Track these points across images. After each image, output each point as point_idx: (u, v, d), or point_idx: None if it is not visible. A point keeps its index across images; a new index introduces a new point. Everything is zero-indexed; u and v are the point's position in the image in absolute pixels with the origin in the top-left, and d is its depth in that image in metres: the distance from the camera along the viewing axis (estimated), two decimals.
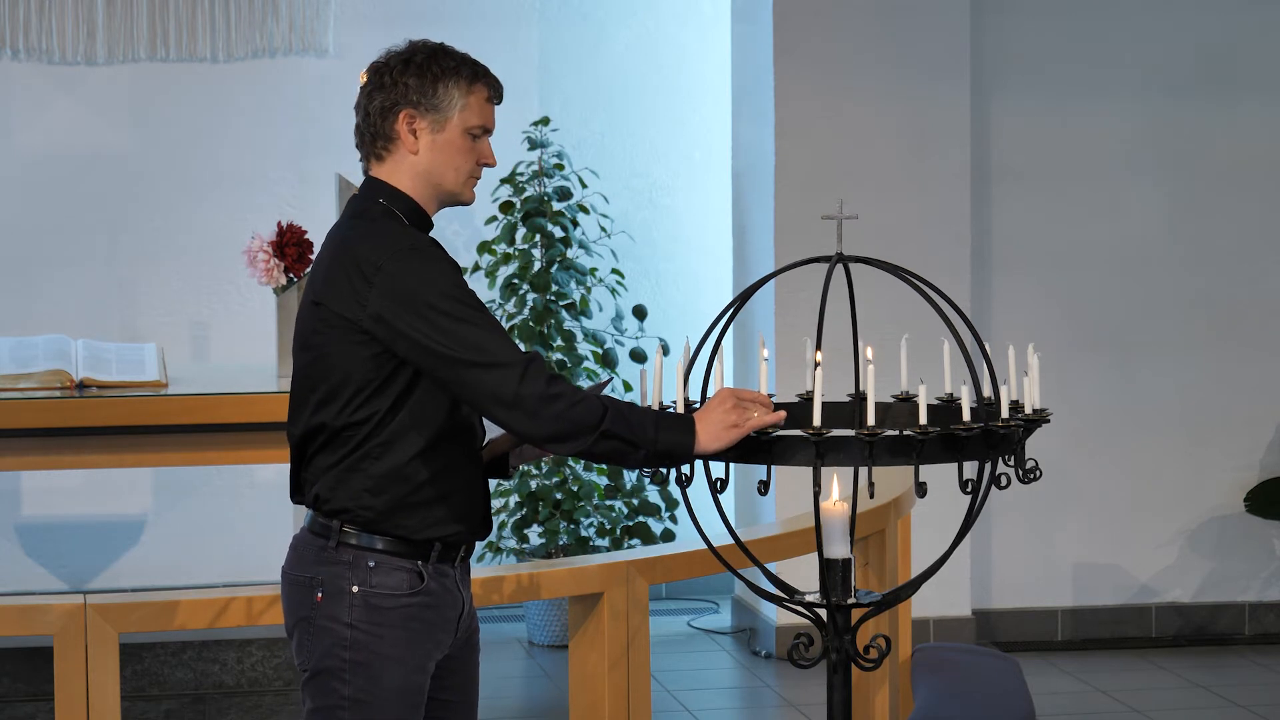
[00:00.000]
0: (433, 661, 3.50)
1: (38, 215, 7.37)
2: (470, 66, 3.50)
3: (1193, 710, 6.53)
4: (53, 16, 7.31)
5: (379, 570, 3.44)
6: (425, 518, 3.45)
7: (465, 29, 7.55)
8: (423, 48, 3.52)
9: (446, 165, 3.49)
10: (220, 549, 7.42)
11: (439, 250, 3.41)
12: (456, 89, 3.47)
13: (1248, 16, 7.38)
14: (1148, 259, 7.38)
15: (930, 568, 3.53)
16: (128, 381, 5.65)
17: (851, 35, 7.05)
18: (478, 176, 3.53)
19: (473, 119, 3.48)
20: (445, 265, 3.38)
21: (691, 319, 7.63)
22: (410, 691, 3.46)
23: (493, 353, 3.32)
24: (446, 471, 3.45)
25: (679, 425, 3.33)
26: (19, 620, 4.36)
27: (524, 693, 6.72)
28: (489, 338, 3.33)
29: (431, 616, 3.48)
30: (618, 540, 7.23)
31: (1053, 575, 7.38)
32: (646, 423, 3.32)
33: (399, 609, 3.44)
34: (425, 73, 3.47)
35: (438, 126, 3.47)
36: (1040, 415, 3.50)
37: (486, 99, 3.50)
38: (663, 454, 3.33)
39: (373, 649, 3.43)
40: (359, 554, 3.44)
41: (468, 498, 3.49)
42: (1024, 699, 4.94)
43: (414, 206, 3.49)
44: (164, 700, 6.08)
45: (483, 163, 3.51)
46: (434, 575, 3.47)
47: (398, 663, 3.45)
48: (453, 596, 3.52)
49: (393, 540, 3.44)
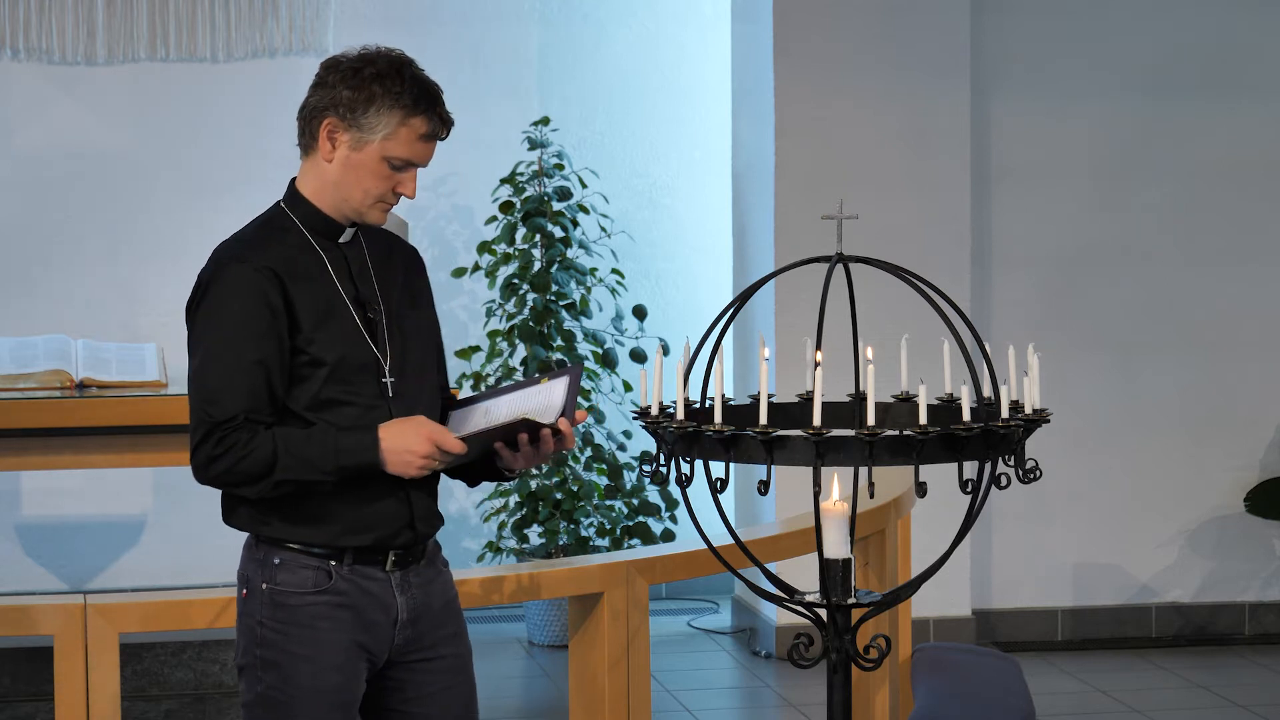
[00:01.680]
0: (357, 664, 3.48)
1: (38, 215, 7.37)
2: (414, 97, 3.41)
3: (1193, 710, 6.53)
4: (53, 16, 7.31)
5: (283, 568, 3.48)
6: (323, 531, 3.47)
7: (465, 29, 7.55)
8: (378, 61, 3.44)
9: (354, 185, 3.46)
10: (220, 549, 7.39)
11: (261, 275, 3.40)
12: (388, 115, 3.41)
13: (1247, 17, 7.38)
14: (1148, 259, 7.38)
15: (930, 568, 3.53)
16: (128, 381, 5.66)
17: (851, 35, 7.05)
18: (390, 203, 3.49)
19: (396, 150, 3.42)
20: (244, 286, 3.39)
21: (691, 319, 7.62)
22: (324, 691, 3.45)
23: (200, 395, 3.40)
24: (326, 490, 3.44)
25: (360, 449, 3.38)
26: (19, 620, 4.36)
27: (524, 693, 6.72)
28: (211, 379, 3.39)
29: (345, 616, 3.47)
30: (618, 540, 7.23)
31: (1053, 575, 7.38)
32: (327, 454, 3.38)
33: (304, 607, 3.46)
34: (362, 89, 3.42)
35: (356, 145, 3.44)
36: (1040, 415, 3.50)
37: (422, 135, 3.43)
38: (351, 478, 3.40)
39: (280, 646, 3.46)
40: (269, 551, 3.50)
41: (371, 507, 3.47)
42: (1024, 699, 4.94)
43: (314, 213, 3.51)
44: (164, 700, 6.08)
45: (399, 192, 3.47)
46: (349, 576, 3.47)
47: (306, 661, 3.45)
48: (375, 600, 3.50)
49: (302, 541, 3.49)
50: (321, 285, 3.48)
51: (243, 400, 3.39)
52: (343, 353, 3.46)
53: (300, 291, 3.45)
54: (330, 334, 3.45)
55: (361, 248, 3.56)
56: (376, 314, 3.51)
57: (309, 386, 3.44)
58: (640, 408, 3.59)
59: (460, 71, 7.41)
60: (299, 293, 3.44)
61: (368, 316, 3.50)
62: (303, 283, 3.46)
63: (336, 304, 3.48)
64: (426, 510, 3.55)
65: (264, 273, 3.42)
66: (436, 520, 3.59)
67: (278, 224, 3.54)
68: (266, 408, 3.42)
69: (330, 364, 3.44)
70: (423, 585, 3.56)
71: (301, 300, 3.44)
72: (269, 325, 3.40)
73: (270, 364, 3.40)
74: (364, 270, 3.55)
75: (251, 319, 3.40)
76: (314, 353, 3.44)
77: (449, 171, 7.49)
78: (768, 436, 3.36)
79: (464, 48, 7.58)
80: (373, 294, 3.53)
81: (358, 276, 3.53)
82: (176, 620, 4.42)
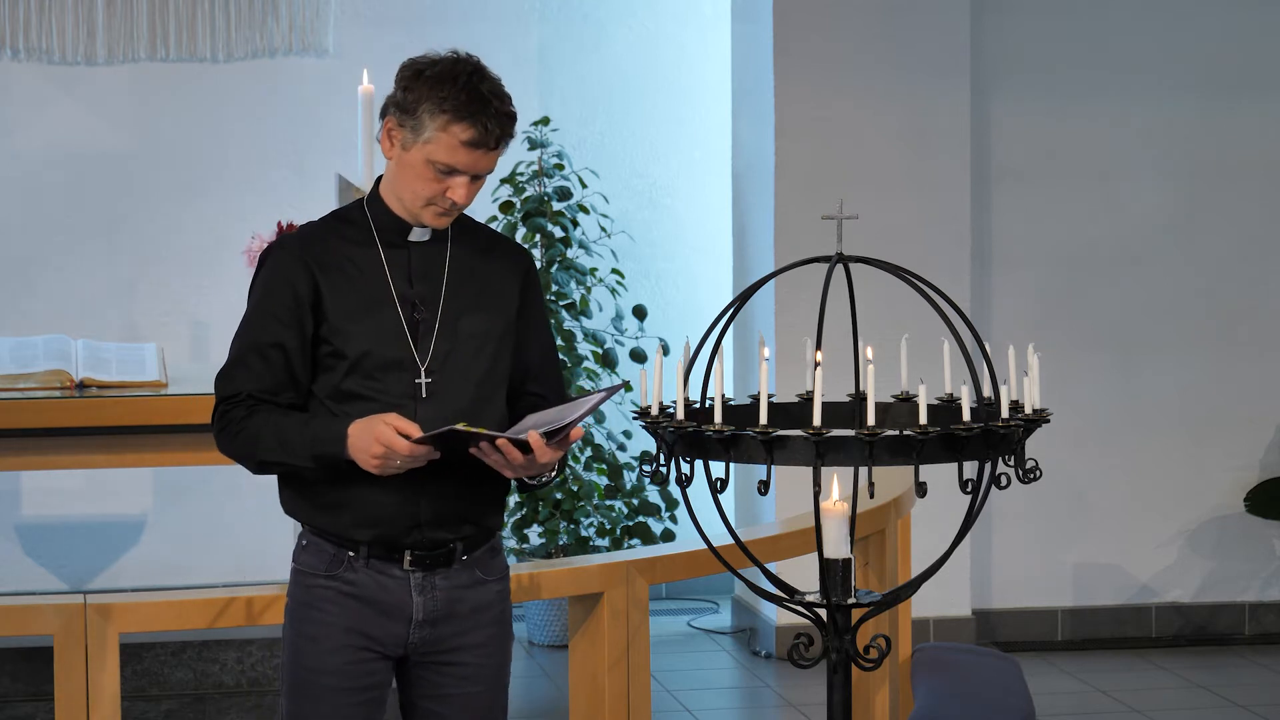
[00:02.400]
0: (359, 652, 3.53)
1: (38, 215, 7.37)
2: (458, 103, 3.43)
3: (1193, 710, 6.53)
4: (53, 16, 7.31)
5: (307, 549, 3.58)
6: (336, 520, 3.53)
7: (465, 29, 7.55)
8: (440, 64, 3.48)
9: (405, 185, 3.50)
10: (220, 549, 7.42)
11: (295, 262, 3.49)
12: (432, 119, 3.43)
13: (1247, 17, 7.38)
14: (1148, 259, 7.38)
15: (930, 568, 3.53)
16: (128, 381, 5.65)
17: (851, 35, 7.05)
18: (443, 208, 3.50)
19: (439, 154, 3.44)
20: (277, 271, 3.50)
21: (691, 319, 7.62)
22: (324, 673, 3.52)
23: (221, 369, 3.55)
24: (342, 479, 3.49)
25: (330, 440, 3.44)
26: (19, 620, 4.36)
27: (524, 693, 6.72)
28: (231, 355, 3.54)
29: (352, 605, 3.53)
30: (618, 540, 7.23)
31: (1053, 575, 7.38)
32: (304, 441, 3.46)
33: (315, 588, 3.54)
34: (417, 90, 3.46)
35: (407, 145, 3.47)
36: (1040, 415, 3.51)
37: (465, 141, 3.43)
38: (331, 466, 3.47)
39: (294, 624, 3.57)
40: (302, 531, 3.61)
41: (377, 503, 3.51)
42: (1024, 699, 4.94)
43: (385, 210, 3.55)
44: (164, 700, 6.08)
45: (450, 198, 3.48)
46: (364, 569, 3.53)
47: (310, 641, 3.54)
48: (390, 595, 3.53)
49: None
50: (367, 280, 3.52)
51: (250, 380, 3.49)
52: (368, 348, 3.49)
53: (337, 284, 3.50)
54: (362, 329, 3.49)
55: (443, 248, 3.57)
56: (425, 314, 3.52)
57: (331, 377, 3.50)
58: (640, 408, 3.59)
59: None
60: (335, 285, 3.50)
61: (414, 316, 3.51)
62: (344, 276, 3.51)
63: (380, 300, 3.51)
64: (440, 514, 3.53)
65: (299, 261, 3.50)
66: (463, 526, 3.57)
67: (345, 217, 3.59)
68: (284, 389, 3.51)
69: (351, 358, 3.49)
70: (450, 589, 3.57)
71: (336, 292, 3.50)
72: (291, 312, 3.49)
73: (290, 348, 3.49)
74: (433, 270, 3.55)
75: (276, 304, 3.50)
76: (337, 344, 3.49)
77: None
78: (768, 436, 3.36)
79: (464, 48, 7.54)
80: (432, 294, 3.54)
81: (420, 276, 3.54)
82: (176, 620, 4.42)
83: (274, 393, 3.50)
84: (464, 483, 3.53)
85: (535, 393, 3.65)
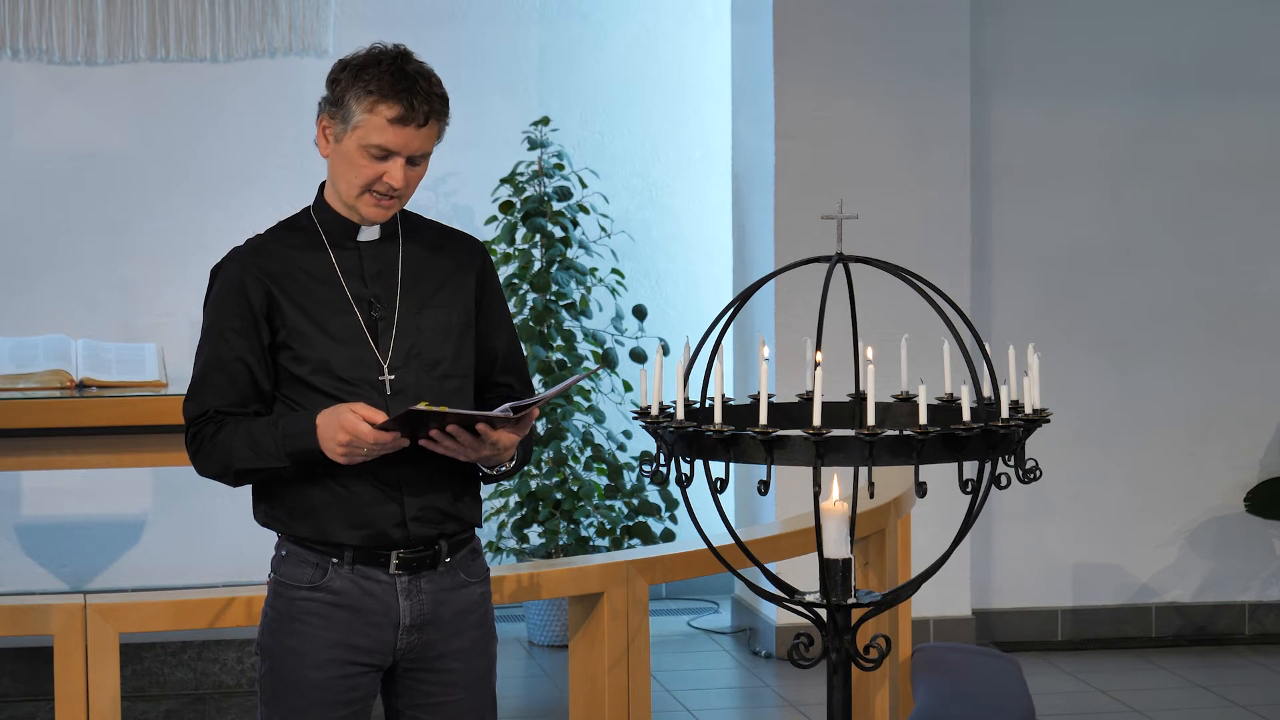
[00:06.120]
0: (345, 665, 3.50)
1: (38, 215, 7.37)
2: (382, 83, 3.43)
3: (1193, 710, 6.53)
4: (53, 16, 7.31)
5: (287, 560, 3.55)
6: (318, 526, 3.51)
7: (465, 29, 7.55)
8: (365, 56, 3.48)
9: (340, 176, 3.50)
10: (220, 549, 7.42)
11: (247, 274, 3.49)
12: (359, 103, 3.43)
13: (1247, 16, 7.38)
14: (1148, 259, 7.38)
15: (930, 568, 3.53)
16: (128, 381, 5.66)
17: (851, 35, 7.05)
18: (381, 193, 3.49)
19: (369, 136, 3.44)
20: (230, 285, 3.50)
21: (691, 319, 7.62)
22: (307, 687, 3.49)
23: (190, 383, 3.55)
24: (317, 481, 3.49)
25: (301, 434, 3.44)
26: (19, 620, 4.36)
27: (524, 693, 6.72)
28: (194, 374, 3.54)
29: (338, 616, 3.50)
30: (618, 540, 7.23)
31: (1053, 575, 7.38)
32: (277, 439, 3.45)
33: (298, 601, 3.51)
34: (344, 80, 3.46)
35: (339, 136, 3.47)
36: (1040, 415, 3.51)
37: (392, 119, 3.43)
38: (305, 464, 3.46)
39: (275, 636, 3.53)
40: (280, 542, 3.58)
41: (361, 502, 3.49)
42: (1024, 699, 4.94)
43: (331, 214, 3.55)
44: (164, 700, 6.08)
45: (387, 182, 3.47)
46: (349, 576, 3.50)
47: (291, 654, 3.50)
48: (377, 601, 3.51)
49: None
50: (323, 286, 3.51)
51: (216, 397, 3.50)
52: (328, 353, 3.49)
53: (293, 292, 3.49)
54: (322, 334, 3.49)
55: (394, 247, 3.57)
56: (383, 312, 3.52)
57: (295, 383, 3.50)
58: (640, 408, 3.59)
59: (460, 71, 7.40)
60: (292, 293, 3.49)
61: (372, 316, 3.51)
62: (296, 283, 3.50)
63: (337, 305, 3.51)
64: (423, 509, 3.52)
65: (250, 273, 3.50)
66: (445, 523, 3.55)
67: (292, 225, 3.58)
68: (250, 402, 3.51)
69: (313, 362, 3.48)
70: (436, 593, 3.55)
71: (291, 300, 3.49)
72: (249, 324, 3.49)
73: (251, 361, 3.49)
74: (386, 270, 3.55)
75: (233, 317, 3.49)
76: (298, 349, 3.48)
77: (449, 171, 7.50)
78: (768, 436, 3.36)
79: (464, 48, 7.58)
80: (387, 293, 3.53)
81: (373, 276, 3.54)
82: (176, 620, 4.42)
83: (241, 405, 3.49)
84: (440, 471, 3.52)
85: (504, 382, 3.66)
